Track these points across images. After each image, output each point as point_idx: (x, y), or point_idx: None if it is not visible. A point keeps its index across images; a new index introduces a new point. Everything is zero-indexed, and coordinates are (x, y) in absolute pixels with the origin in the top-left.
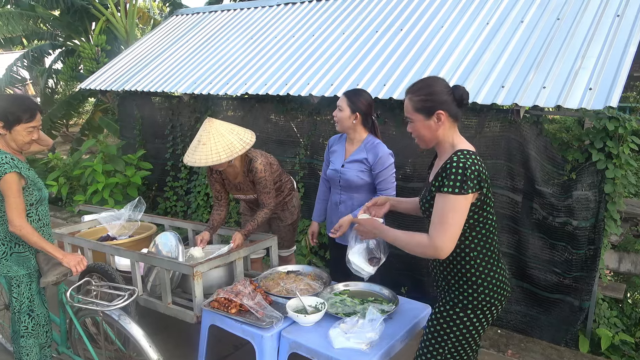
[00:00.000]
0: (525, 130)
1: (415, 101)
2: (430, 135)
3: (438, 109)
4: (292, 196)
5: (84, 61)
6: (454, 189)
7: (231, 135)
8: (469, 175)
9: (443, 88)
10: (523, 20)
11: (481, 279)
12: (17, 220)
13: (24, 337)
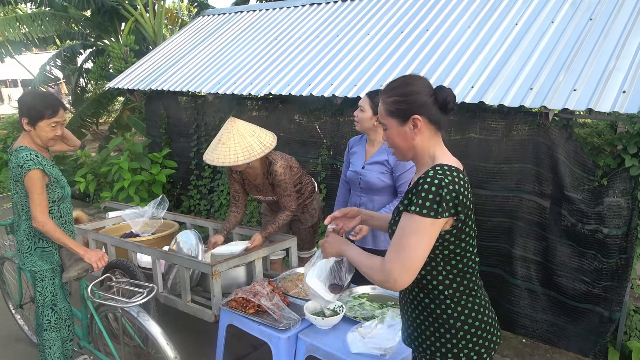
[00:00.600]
0: (554, 134)
1: (389, 103)
2: (405, 145)
3: (414, 113)
4: (313, 198)
5: (113, 61)
6: (422, 208)
7: (252, 137)
8: (444, 196)
9: (423, 88)
10: (554, 20)
11: (460, 322)
12: (40, 216)
13: (47, 331)
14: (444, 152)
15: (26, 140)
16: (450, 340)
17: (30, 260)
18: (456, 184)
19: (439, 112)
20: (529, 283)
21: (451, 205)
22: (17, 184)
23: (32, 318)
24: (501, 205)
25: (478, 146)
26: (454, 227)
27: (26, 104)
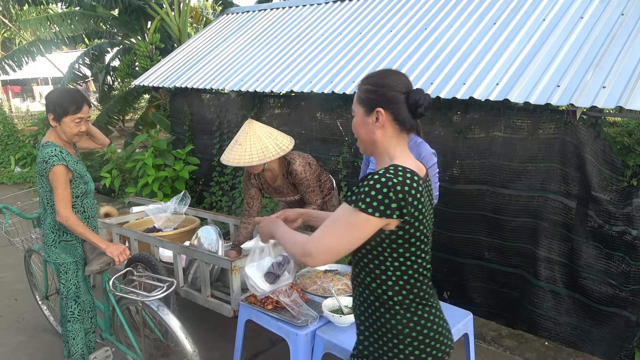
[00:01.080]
0: (581, 133)
1: (361, 90)
2: (365, 136)
3: (379, 106)
4: (332, 195)
5: (139, 59)
6: (362, 203)
7: (268, 139)
8: (390, 196)
9: (396, 85)
10: (583, 16)
11: (409, 329)
12: (63, 210)
13: (71, 322)
14: (404, 154)
15: (52, 136)
16: (397, 346)
17: (54, 252)
18: (406, 185)
19: (408, 114)
20: (553, 285)
21: (395, 206)
22: (42, 178)
23: (57, 309)
24: (525, 205)
25: (502, 145)
26: (400, 229)
27: (52, 100)
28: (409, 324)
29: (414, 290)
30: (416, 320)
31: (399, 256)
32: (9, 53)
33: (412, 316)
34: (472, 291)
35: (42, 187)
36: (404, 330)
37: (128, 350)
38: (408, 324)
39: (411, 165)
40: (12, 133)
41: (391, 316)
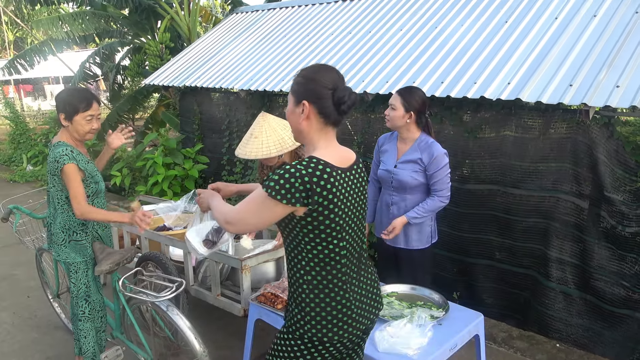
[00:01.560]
0: (594, 133)
1: (294, 80)
2: (293, 124)
3: (306, 99)
4: None
5: (149, 58)
6: (271, 189)
7: (283, 130)
8: (297, 186)
9: (324, 80)
10: (596, 14)
11: (312, 307)
12: (79, 208)
13: (82, 321)
14: (327, 146)
15: (64, 136)
16: (303, 321)
17: (64, 252)
18: (314, 177)
19: (333, 109)
20: (564, 286)
21: (299, 196)
22: (54, 177)
23: (69, 307)
24: (537, 205)
25: (513, 144)
26: (309, 216)
27: (62, 100)
28: (313, 302)
29: (322, 273)
30: (321, 298)
31: (310, 240)
32: (21, 52)
33: (315, 296)
34: (483, 292)
35: (53, 186)
36: (306, 308)
37: (139, 349)
38: (311, 303)
39: (332, 157)
40: (24, 132)
41: (302, 294)
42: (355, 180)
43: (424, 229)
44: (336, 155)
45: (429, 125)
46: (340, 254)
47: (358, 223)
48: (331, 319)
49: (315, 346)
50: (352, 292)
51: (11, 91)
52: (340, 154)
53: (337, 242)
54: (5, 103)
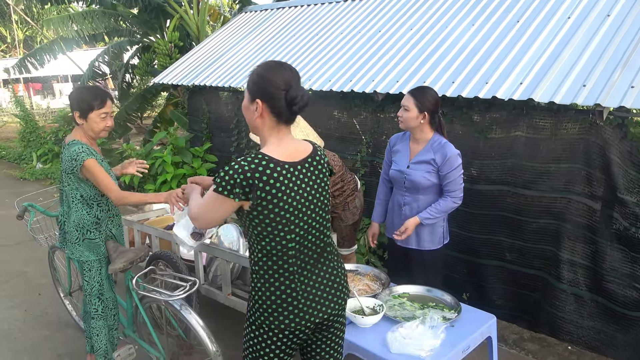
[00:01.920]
0: (607, 133)
1: (249, 78)
2: (249, 120)
3: (259, 97)
4: (355, 197)
5: (158, 57)
6: (217, 185)
7: (300, 134)
8: (238, 181)
9: (278, 80)
10: (610, 13)
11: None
12: (115, 193)
13: (94, 319)
14: (279, 143)
15: (78, 134)
16: (254, 308)
17: (78, 250)
18: (257, 172)
19: (286, 108)
20: (576, 288)
21: (239, 191)
22: (69, 176)
23: (80, 305)
24: (548, 206)
25: (525, 145)
26: (254, 210)
27: (76, 98)
28: (265, 292)
29: (268, 263)
30: (272, 290)
31: (258, 233)
32: (32, 51)
33: (261, 286)
34: (492, 293)
35: (68, 185)
36: (255, 296)
37: (151, 348)
38: (264, 293)
39: (281, 153)
40: (34, 130)
41: (254, 283)
42: (309, 173)
43: (436, 230)
44: (287, 150)
45: (442, 125)
46: (288, 246)
47: (313, 216)
48: (276, 307)
49: (266, 332)
50: (300, 284)
51: (21, 89)
52: (292, 149)
53: (284, 235)
54: (16, 101)
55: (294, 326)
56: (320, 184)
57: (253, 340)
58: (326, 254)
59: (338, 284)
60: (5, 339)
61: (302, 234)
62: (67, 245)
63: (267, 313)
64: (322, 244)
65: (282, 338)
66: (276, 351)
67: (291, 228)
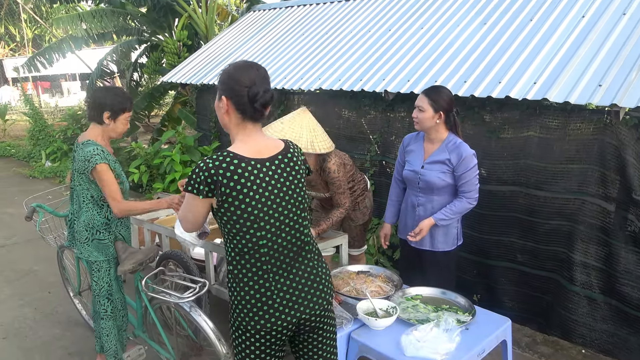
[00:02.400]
0: (623, 134)
1: (220, 76)
2: (219, 118)
3: (225, 95)
4: (365, 197)
5: (166, 55)
6: (187, 185)
7: (311, 133)
8: (201, 178)
9: (242, 78)
10: (625, 12)
11: (235, 295)
12: (117, 206)
13: (104, 319)
14: (246, 140)
15: (94, 134)
16: (231, 309)
17: (87, 250)
18: (220, 169)
19: (249, 104)
20: (589, 290)
21: (202, 188)
22: (81, 176)
23: (90, 304)
24: (561, 207)
25: (538, 145)
26: (221, 207)
27: (109, 98)
28: (236, 289)
29: (241, 262)
30: (241, 286)
31: (229, 231)
32: (41, 50)
33: (237, 284)
34: (504, 294)
35: (79, 184)
36: (233, 295)
37: (161, 349)
38: (235, 290)
39: (248, 150)
40: (43, 128)
41: (230, 282)
42: (279, 170)
43: (450, 231)
44: (255, 147)
45: (457, 124)
46: (259, 243)
47: (286, 213)
48: (251, 307)
49: (244, 333)
50: (275, 283)
51: (30, 88)
52: (262, 146)
53: (254, 232)
54: (25, 99)
55: (269, 326)
56: (293, 181)
57: (236, 341)
58: (304, 252)
59: (319, 283)
60: (15, 337)
61: (273, 231)
62: (76, 245)
63: (243, 313)
64: (299, 242)
65: (260, 339)
66: (256, 352)
67: (261, 225)
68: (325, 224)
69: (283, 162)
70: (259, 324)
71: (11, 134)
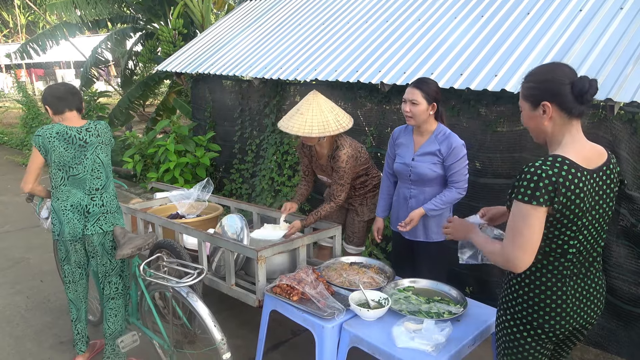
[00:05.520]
0: (617, 129)
1: (524, 87)
2: (535, 128)
3: (544, 100)
4: (376, 194)
5: (162, 44)
6: (523, 196)
7: (330, 113)
8: (539, 185)
9: (560, 77)
10: (622, 7)
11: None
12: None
13: (114, 299)
14: (573, 141)
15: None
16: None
17: (117, 218)
18: (560, 176)
19: (574, 102)
20: None
21: (544, 193)
22: (107, 147)
23: (94, 298)
24: None
25: (532, 139)
26: (552, 216)
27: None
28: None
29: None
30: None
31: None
32: (34, 37)
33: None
34: (495, 286)
35: (106, 155)
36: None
37: (155, 336)
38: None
39: (577, 155)
40: (36, 116)
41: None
42: (604, 185)
43: (443, 222)
44: (582, 153)
45: (442, 114)
46: (569, 251)
47: (597, 226)
48: (544, 306)
49: (527, 330)
50: (571, 288)
51: (23, 75)
52: (587, 152)
53: (568, 240)
54: (18, 87)
55: (558, 328)
56: (610, 194)
57: (513, 336)
58: (596, 263)
59: (600, 294)
60: (7, 325)
61: (583, 242)
62: (107, 217)
63: (535, 311)
64: (595, 253)
65: (544, 338)
66: (533, 350)
67: (577, 235)
68: (312, 217)
69: (606, 174)
70: (548, 324)
71: (4, 121)
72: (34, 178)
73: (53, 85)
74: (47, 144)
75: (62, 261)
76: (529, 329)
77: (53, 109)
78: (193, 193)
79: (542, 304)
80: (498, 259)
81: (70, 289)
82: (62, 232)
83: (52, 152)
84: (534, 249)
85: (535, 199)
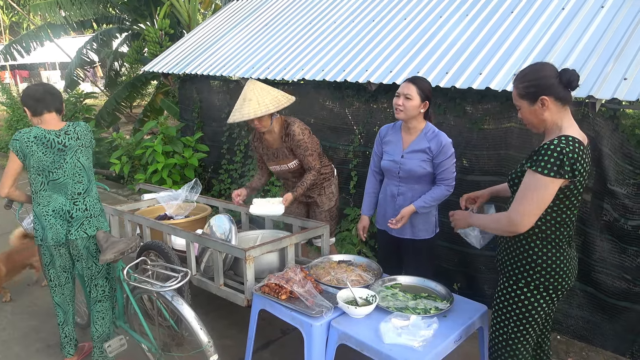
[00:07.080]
0: (599, 125)
1: (520, 88)
2: (536, 120)
3: (541, 94)
4: (331, 182)
5: (148, 45)
6: (543, 169)
7: (274, 92)
8: (564, 161)
9: (549, 73)
10: (604, 5)
11: (545, 262)
12: None
13: (101, 302)
14: (570, 124)
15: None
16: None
17: (101, 222)
18: (576, 152)
19: (564, 90)
20: None
21: (569, 169)
22: (87, 149)
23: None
24: None
25: (518, 137)
26: (567, 188)
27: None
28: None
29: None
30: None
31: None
32: (18, 38)
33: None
34: (483, 282)
35: (87, 158)
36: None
37: (142, 339)
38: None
39: (576, 134)
40: (21, 118)
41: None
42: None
43: (429, 219)
44: (578, 132)
45: (431, 114)
46: (572, 218)
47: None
48: (556, 268)
49: (541, 292)
50: (569, 250)
51: (7, 77)
52: (580, 132)
53: (573, 209)
54: (2, 89)
55: (565, 286)
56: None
57: (527, 300)
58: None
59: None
60: None
61: (579, 207)
62: (92, 220)
63: (549, 274)
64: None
65: (554, 297)
66: (546, 308)
67: (576, 204)
68: (300, 188)
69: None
70: (560, 284)
71: None
72: (11, 183)
73: (32, 86)
74: (25, 148)
75: (46, 265)
76: (541, 290)
77: (31, 110)
78: (181, 194)
79: (554, 265)
80: (503, 223)
81: (57, 293)
82: (45, 237)
83: (30, 157)
84: (537, 215)
85: (558, 172)
